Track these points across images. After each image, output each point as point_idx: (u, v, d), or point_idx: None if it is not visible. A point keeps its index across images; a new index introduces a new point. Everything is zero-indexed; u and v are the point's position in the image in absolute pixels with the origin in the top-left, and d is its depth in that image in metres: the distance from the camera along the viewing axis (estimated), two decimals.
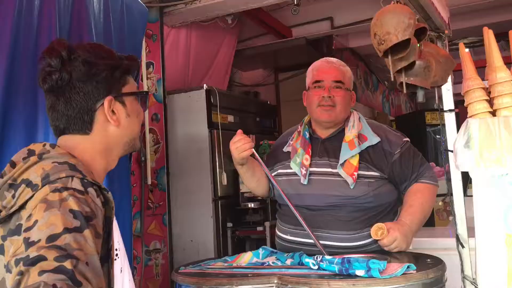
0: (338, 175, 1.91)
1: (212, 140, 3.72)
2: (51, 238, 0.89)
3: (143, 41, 3.14)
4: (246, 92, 5.29)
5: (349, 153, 1.90)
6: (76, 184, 0.99)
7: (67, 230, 0.91)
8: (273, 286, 1.59)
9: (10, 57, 1.92)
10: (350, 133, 1.95)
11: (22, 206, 0.98)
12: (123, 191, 2.53)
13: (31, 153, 1.08)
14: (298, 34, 5.08)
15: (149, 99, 1.37)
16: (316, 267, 1.66)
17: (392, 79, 1.56)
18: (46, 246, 0.88)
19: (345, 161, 1.90)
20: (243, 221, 3.80)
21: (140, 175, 3.37)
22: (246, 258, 1.93)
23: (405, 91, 1.58)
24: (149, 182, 3.42)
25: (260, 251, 1.98)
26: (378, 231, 1.79)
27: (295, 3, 3.66)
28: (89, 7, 2.31)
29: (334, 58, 2.12)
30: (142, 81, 3.41)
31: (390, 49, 1.45)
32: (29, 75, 1.99)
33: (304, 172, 1.95)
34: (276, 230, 2.14)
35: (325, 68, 2.02)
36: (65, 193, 0.96)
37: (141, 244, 3.33)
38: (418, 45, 1.53)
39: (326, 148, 2.00)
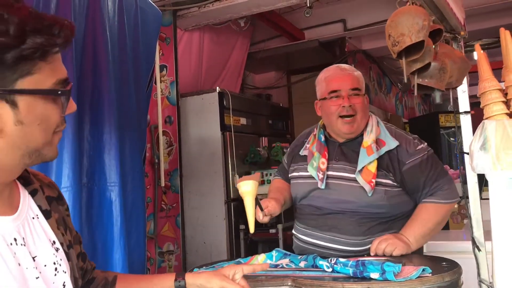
0: (355, 180, 1.86)
1: (225, 142, 3.73)
2: None
3: (157, 44, 3.16)
4: (258, 94, 5.30)
5: (367, 159, 1.85)
6: None
7: None
8: None
9: None
10: (368, 138, 1.89)
11: None
12: (137, 193, 2.54)
13: None
14: (310, 36, 5.08)
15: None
16: (330, 269, 1.65)
17: (405, 81, 1.55)
18: None
19: (363, 167, 1.85)
20: (256, 223, 3.78)
21: (154, 177, 3.39)
22: (260, 260, 1.93)
23: (416, 93, 1.58)
24: (163, 184, 3.44)
25: (274, 253, 1.98)
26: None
27: (308, 5, 3.65)
28: (103, 9, 2.33)
29: (344, 64, 2.07)
30: (155, 84, 3.43)
31: (404, 51, 1.44)
32: None
33: (321, 176, 1.91)
34: (293, 231, 2.14)
35: (340, 76, 1.93)
36: None
37: (155, 246, 3.34)
38: (434, 46, 1.52)
39: (343, 152, 1.95)
